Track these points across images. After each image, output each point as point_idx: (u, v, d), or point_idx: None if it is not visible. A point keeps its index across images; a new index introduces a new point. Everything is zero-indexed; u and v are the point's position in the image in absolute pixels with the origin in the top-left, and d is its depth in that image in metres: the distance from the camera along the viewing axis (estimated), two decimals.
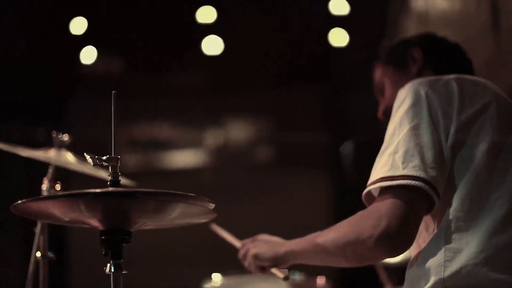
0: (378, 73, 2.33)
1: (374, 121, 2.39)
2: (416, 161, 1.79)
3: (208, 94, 5.51)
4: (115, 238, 1.64)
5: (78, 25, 5.29)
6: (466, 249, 1.74)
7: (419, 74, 2.20)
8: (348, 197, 5.52)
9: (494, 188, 1.80)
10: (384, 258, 1.85)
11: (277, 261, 2.14)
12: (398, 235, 1.76)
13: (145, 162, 5.67)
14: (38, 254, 2.50)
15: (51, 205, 1.62)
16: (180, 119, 5.70)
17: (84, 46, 5.34)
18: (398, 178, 1.78)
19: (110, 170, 1.72)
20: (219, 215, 1.94)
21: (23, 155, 2.42)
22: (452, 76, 1.98)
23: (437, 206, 1.80)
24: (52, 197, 1.81)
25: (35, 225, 2.51)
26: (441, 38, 2.35)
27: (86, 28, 5.25)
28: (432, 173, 1.78)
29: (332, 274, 3.86)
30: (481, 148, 1.83)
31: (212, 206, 1.66)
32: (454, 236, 1.77)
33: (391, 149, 1.84)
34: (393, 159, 1.81)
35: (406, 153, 1.81)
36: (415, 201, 1.78)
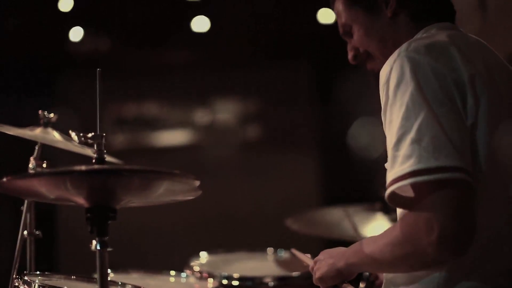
0: (344, 14, 2.08)
1: (364, 99, 2.35)
2: (449, 149, 1.61)
3: (196, 72, 5.50)
4: (101, 215, 1.65)
5: (66, 2, 5.25)
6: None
7: (393, 19, 1.99)
8: (336, 175, 5.55)
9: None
10: (453, 260, 1.68)
11: (342, 277, 1.96)
12: (457, 235, 1.60)
13: (132, 141, 5.67)
14: (25, 232, 2.51)
15: (36, 183, 1.63)
16: (168, 97, 5.69)
17: (71, 24, 5.31)
18: (435, 171, 1.60)
19: (95, 148, 1.73)
20: (208, 193, 1.95)
21: (10, 134, 2.41)
22: (443, 35, 1.84)
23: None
24: (37, 174, 1.82)
25: (22, 203, 2.51)
26: None
27: (73, 5, 5.21)
28: (467, 159, 1.64)
29: (318, 251, 3.87)
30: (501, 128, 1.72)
31: (197, 183, 1.67)
32: None
33: (412, 136, 1.64)
34: (420, 147, 1.62)
35: (434, 140, 1.62)
36: (461, 193, 1.62)
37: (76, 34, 5.36)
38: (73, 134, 1.83)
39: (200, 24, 5.43)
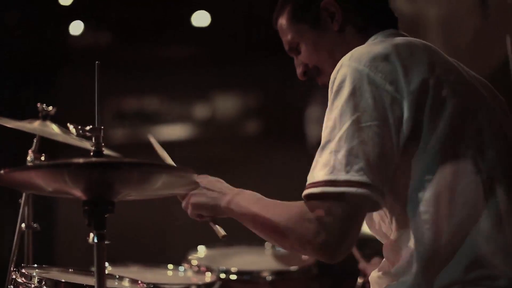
0: (289, 31, 2.09)
1: None
2: (361, 163, 1.68)
3: (196, 67, 5.49)
4: (98, 208, 1.65)
5: None
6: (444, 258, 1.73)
7: (340, 32, 2.01)
8: None
9: (454, 182, 1.75)
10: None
11: (215, 213, 1.99)
12: (338, 246, 1.70)
13: (132, 135, 5.66)
14: (23, 225, 2.51)
15: (34, 175, 1.63)
16: (168, 92, 5.69)
17: (71, 17, 5.31)
18: (342, 184, 1.68)
19: (93, 141, 1.73)
20: None
21: (9, 126, 2.42)
22: (387, 43, 1.85)
23: (382, 206, 1.74)
24: (35, 166, 1.82)
25: (20, 196, 2.51)
26: None
27: None
28: (378, 175, 1.70)
29: None
30: (441, 132, 1.75)
31: (195, 176, 1.67)
32: (426, 246, 1.74)
33: (332, 146, 1.72)
34: (336, 158, 1.70)
35: (349, 152, 1.69)
36: (358, 208, 1.71)
37: (76, 28, 5.35)
38: (71, 127, 1.83)
39: (201, 18, 5.43)
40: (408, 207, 1.76)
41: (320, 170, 1.73)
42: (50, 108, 2.52)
